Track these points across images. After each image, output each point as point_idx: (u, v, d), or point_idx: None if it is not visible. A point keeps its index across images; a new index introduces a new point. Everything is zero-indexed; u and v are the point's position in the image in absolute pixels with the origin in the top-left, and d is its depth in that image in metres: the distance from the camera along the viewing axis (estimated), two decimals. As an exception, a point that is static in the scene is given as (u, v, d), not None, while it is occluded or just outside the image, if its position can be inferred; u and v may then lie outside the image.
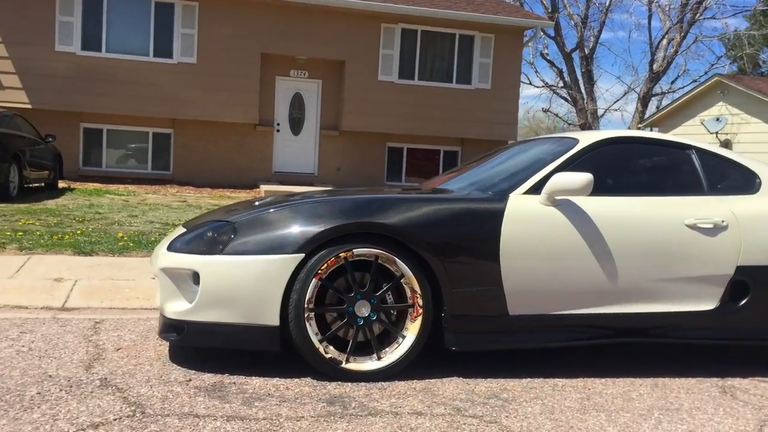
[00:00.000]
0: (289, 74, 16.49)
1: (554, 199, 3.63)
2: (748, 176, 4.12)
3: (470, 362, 3.74)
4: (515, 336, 3.58)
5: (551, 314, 3.61)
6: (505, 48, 17.24)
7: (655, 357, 4.15)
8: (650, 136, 4.17)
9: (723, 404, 3.33)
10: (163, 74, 15.22)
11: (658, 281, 3.74)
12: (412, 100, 16.61)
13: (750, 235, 3.85)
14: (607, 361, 3.97)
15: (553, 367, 3.77)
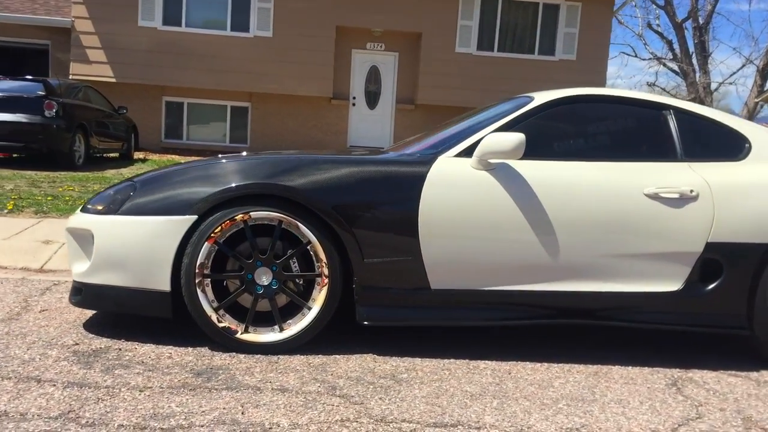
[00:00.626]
0: (366, 47, 16.32)
1: (487, 163, 3.28)
2: (736, 140, 3.58)
3: (409, 339, 3.47)
4: (438, 312, 3.27)
5: (480, 290, 3.27)
6: (593, 16, 16.32)
7: (618, 343, 3.71)
8: (619, 94, 3.69)
9: (656, 398, 2.91)
10: (240, 48, 15.43)
11: (610, 257, 3.31)
12: (490, 73, 16.05)
13: (725, 208, 3.35)
14: (561, 345, 3.58)
15: (492, 348, 3.43)
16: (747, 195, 3.38)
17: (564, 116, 3.55)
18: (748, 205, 3.36)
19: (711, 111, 3.69)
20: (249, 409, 2.47)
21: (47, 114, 10.09)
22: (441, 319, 3.28)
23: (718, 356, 3.60)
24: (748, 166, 3.49)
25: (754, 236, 3.34)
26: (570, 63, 16.39)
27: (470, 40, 16.11)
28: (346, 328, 3.46)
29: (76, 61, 15.06)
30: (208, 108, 16.25)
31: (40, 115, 10.07)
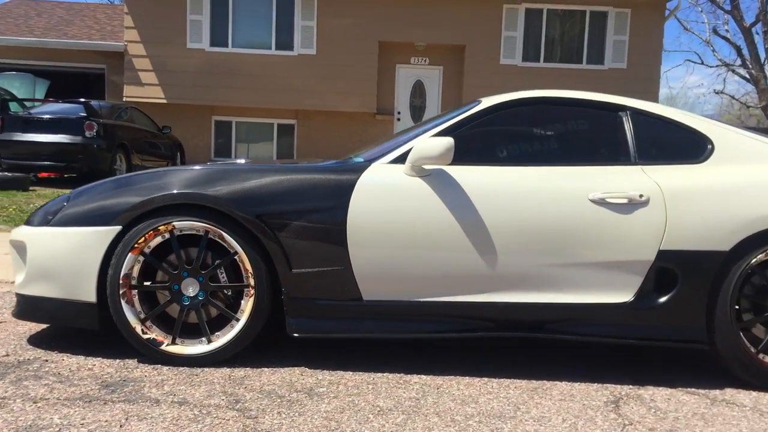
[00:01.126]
0: (410, 62, 16.29)
1: (421, 169, 3.17)
2: (698, 141, 3.36)
3: (358, 350, 3.38)
4: (371, 324, 3.17)
5: (415, 301, 3.16)
6: (644, 23, 15.84)
7: (580, 357, 3.51)
8: (573, 96, 3.52)
9: (585, 416, 2.72)
10: (284, 67, 15.65)
11: (554, 266, 3.15)
12: (537, 84, 15.64)
13: (680, 213, 3.14)
14: (502, 360, 3.41)
15: (437, 360, 3.31)
16: (704, 199, 3.16)
17: (510, 120, 3.42)
18: (705, 210, 3.14)
19: (673, 111, 3.48)
20: (132, 422, 2.43)
21: (87, 134, 10.46)
22: (374, 331, 3.18)
23: (689, 370, 3.36)
24: (709, 169, 3.27)
25: (711, 243, 3.12)
26: (620, 71, 15.93)
27: (515, 52, 15.88)
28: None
29: (129, 84, 15.57)
30: (255, 126, 16.52)
31: (81, 135, 10.45)
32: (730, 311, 3.15)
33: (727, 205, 3.14)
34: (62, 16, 17.93)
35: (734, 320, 3.16)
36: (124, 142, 11.09)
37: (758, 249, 3.14)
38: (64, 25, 17.11)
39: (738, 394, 3.10)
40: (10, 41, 15.59)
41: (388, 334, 3.18)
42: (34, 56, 16.06)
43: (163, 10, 15.41)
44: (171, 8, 15.45)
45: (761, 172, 3.25)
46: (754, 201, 3.14)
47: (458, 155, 3.28)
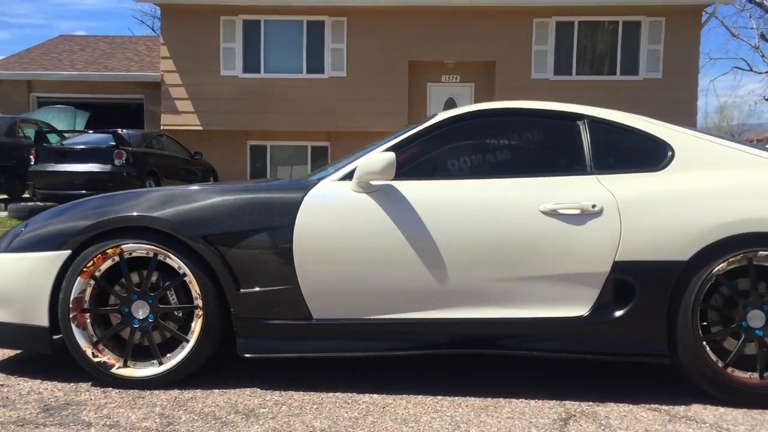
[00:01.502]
0: (441, 80, 16.31)
1: (368, 185, 3.14)
2: (658, 149, 3.25)
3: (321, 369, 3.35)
4: (323, 343, 3.13)
5: (367, 319, 3.11)
6: (679, 31, 15.50)
7: (541, 373, 3.39)
8: (529, 106, 3.44)
9: (522, 436, 2.64)
10: (316, 89, 15.84)
11: (506, 281, 3.07)
12: (569, 97, 15.36)
13: (635, 223, 3.03)
14: (464, 376, 3.33)
15: (394, 379, 3.25)
16: (661, 208, 3.04)
17: (465, 133, 3.37)
18: (662, 219, 3.02)
19: (633, 119, 3.38)
20: (54, 443, 2.45)
21: (117, 162, 10.74)
22: (326, 350, 3.14)
23: (661, 385, 3.22)
24: (668, 176, 3.15)
25: (669, 253, 3.00)
26: (656, 81, 15.61)
27: (546, 65, 15.72)
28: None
29: (167, 113, 15.97)
30: (289, 149, 16.73)
31: (111, 164, 10.74)
32: (693, 323, 3.01)
33: (686, 214, 3.02)
34: (104, 50, 18.55)
35: (697, 332, 3.02)
36: (153, 169, 11.34)
37: (720, 258, 3.01)
38: (105, 58, 17.69)
39: (703, 410, 2.96)
40: (53, 76, 16.19)
41: (340, 353, 3.14)
42: (76, 89, 16.64)
43: (197, 39, 15.79)
44: (205, 37, 15.82)
45: (722, 179, 3.11)
46: (714, 208, 3.01)
47: (411, 170, 3.26)
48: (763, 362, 3.05)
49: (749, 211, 3.00)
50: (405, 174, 3.22)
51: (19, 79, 16.46)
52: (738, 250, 3.01)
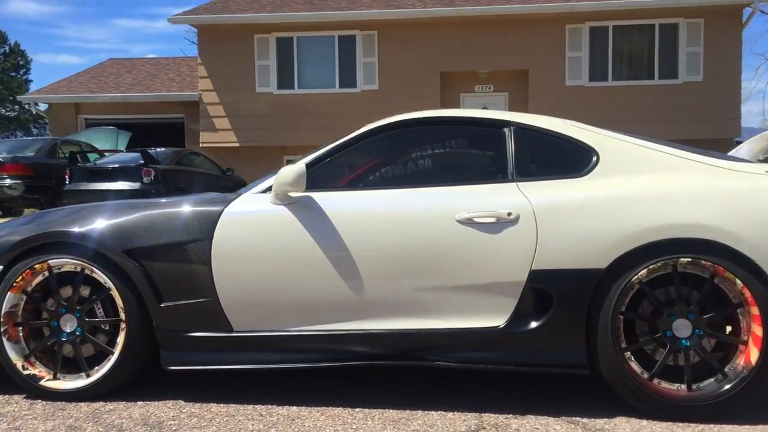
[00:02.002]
0: (474, 90, 16.23)
1: (286, 197, 3.16)
2: (582, 154, 3.17)
3: (259, 383, 3.39)
4: (244, 355, 3.16)
5: (286, 331, 3.13)
6: (719, 32, 15.05)
7: (472, 385, 3.33)
8: (454, 114, 3.41)
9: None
10: (349, 104, 15.96)
11: (423, 291, 3.04)
12: (606, 104, 15.24)
13: (551, 231, 2.96)
14: (389, 388, 3.30)
15: (316, 390, 3.25)
16: (579, 215, 2.97)
17: (388, 143, 3.36)
18: (579, 227, 2.95)
19: (560, 124, 3.31)
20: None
21: (145, 180, 11.06)
22: (247, 363, 3.16)
23: (590, 397, 3.13)
24: (590, 182, 3.07)
25: (587, 261, 2.92)
26: (696, 85, 15.17)
27: (581, 72, 15.47)
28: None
29: (205, 130, 16.37)
30: (325, 163, 16.85)
31: (140, 182, 11.06)
32: (612, 333, 2.92)
33: (605, 220, 2.94)
34: (150, 72, 19.16)
35: (618, 343, 2.93)
36: (182, 186, 11.62)
37: (640, 265, 2.91)
38: (149, 80, 18.26)
39: (624, 423, 2.86)
40: (98, 98, 16.81)
41: (262, 365, 3.16)
42: (120, 110, 17.22)
43: (233, 58, 16.15)
44: (240, 56, 16.16)
45: (645, 184, 3.02)
46: (634, 214, 2.92)
47: (333, 181, 3.28)
48: (691, 373, 2.93)
49: (669, 217, 2.90)
50: (327, 185, 3.23)
51: (67, 102, 17.14)
52: (658, 257, 2.91)
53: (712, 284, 2.93)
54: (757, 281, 2.86)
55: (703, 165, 3.10)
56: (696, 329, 2.95)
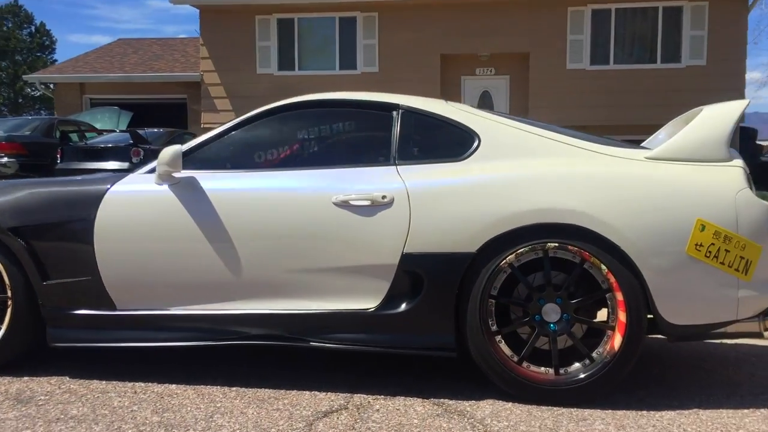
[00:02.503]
0: (475, 73, 16.10)
1: (169, 177, 3.20)
2: (464, 137, 3.16)
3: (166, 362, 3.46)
4: (127, 333, 3.22)
5: (168, 311, 3.18)
6: (724, 15, 14.73)
7: (335, 363, 3.37)
8: (343, 97, 3.41)
9: (269, 429, 2.64)
10: (349, 86, 15.89)
11: (300, 273, 3.07)
12: (607, 87, 15.05)
13: (424, 214, 2.97)
14: (270, 367, 3.35)
15: (205, 368, 3.32)
16: (451, 199, 2.97)
17: (276, 125, 3.39)
18: (451, 210, 2.96)
19: (445, 107, 3.30)
20: None
21: (134, 160, 11.16)
22: (130, 341, 3.22)
23: (460, 381, 3.15)
24: (468, 166, 3.08)
25: (458, 245, 2.94)
26: (700, 69, 14.89)
27: (582, 55, 15.27)
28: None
29: (206, 111, 16.45)
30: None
31: (129, 161, 11.17)
32: (481, 317, 2.94)
33: (476, 204, 2.94)
34: (155, 52, 19.29)
35: (486, 326, 2.94)
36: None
37: (508, 250, 2.92)
38: (153, 60, 18.40)
39: (489, 406, 2.89)
40: (102, 78, 16.99)
41: (144, 343, 3.21)
42: (124, 91, 17.39)
43: (234, 39, 16.17)
44: (241, 37, 16.19)
45: (519, 168, 3.01)
46: (503, 199, 2.92)
47: (220, 162, 3.31)
48: (558, 358, 2.94)
49: (537, 202, 2.90)
50: (214, 166, 3.26)
51: (71, 81, 17.35)
52: (526, 241, 2.91)
53: (582, 270, 2.93)
54: (623, 267, 2.86)
55: (581, 150, 3.09)
56: (564, 314, 2.95)
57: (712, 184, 2.93)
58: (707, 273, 2.86)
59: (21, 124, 13.41)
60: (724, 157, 3.02)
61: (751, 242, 2.87)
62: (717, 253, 2.85)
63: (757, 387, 3.20)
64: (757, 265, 2.88)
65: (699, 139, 3.05)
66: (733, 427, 2.69)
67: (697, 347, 3.88)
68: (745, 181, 2.93)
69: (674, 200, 2.89)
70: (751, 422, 2.74)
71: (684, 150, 3.04)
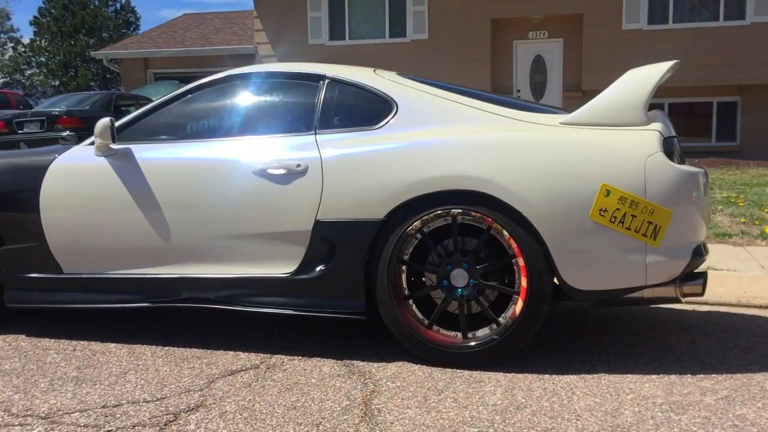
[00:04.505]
0: (528, 36, 15.76)
1: (107, 148, 3.38)
2: (383, 105, 3.21)
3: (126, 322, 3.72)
4: (73, 295, 3.46)
5: (108, 274, 3.39)
6: (794, -34, 13.87)
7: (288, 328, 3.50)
8: (272, 69, 3.51)
9: (165, 383, 2.82)
10: (398, 54, 15.90)
11: (225, 239, 3.22)
12: (667, 48, 14.40)
13: (336, 182, 3.06)
14: (205, 330, 3.52)
15: (145, 328, 3.53)
16: (362, 167, 3.05)
17: (210, 98, 3.52)
18: (361, 178, 3.03)
19: (369, 76, 3.36)
20: None
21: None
22: (76, 302, 3.46)
23: (378, 344, 3.25)
24: (381, 134, 3.13)
25: (366, 212, 3.02)
26: (766, 26, 14.10)
27: (639, 15, 14.68)
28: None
29: (262, 83, 16.75)
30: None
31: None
32: (389, 281, 3.01)
33: (383, 172, 3.00)
34: (216, 26, 19.74)
35: (393, 291, 3.02)
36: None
37: (414, 216, 2.97)
38: (213, 34, 18.84)
39: (396, 367, 2.98)
40: (163, 53, 17.56)
41: (89, 305, 3.44)
42: (184, 65, 17.91)
43: (287, 10, 16.37)
44: (293, 7, 16.37)
45: (427, 135, 3.05)
46: (409, 167, 2.97)
47: (156, 133, 3.48)
48: (466, 322, 2.99)
49: (442, 169, 2.93)
50: (148, 138, 3.43)
51: (136, 57, 18.01)
52: (431, 208, 2.96)
53: (490, 236, 2.95)
54: (524, 233, 2.87)
55: (494, 117, 3.09)
56: (471, 279, 2.99)
57: (621, 148, 2.88)
58: (612, 238, 2.83)
59: (82, 99, 14.07)
60: (640, 121, 2.97)
61: (660, 207, 2.82)
62: (622, 219, 2.82)
63: (687, 354, 3.15)
64: (666, 230, 2.83)
65: (615, 103, 3.01)
66: (627, 391, 2.69)
67: (654, 314, 3.83)
68: (659, 145, 2.87)
69: (579, 166, 2.86)
70: (649, 387, 2.72)
71: (600, 114, 3.00)
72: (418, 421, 2.42)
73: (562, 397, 2.63)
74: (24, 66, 58.46)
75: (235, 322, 3.68)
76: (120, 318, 3.76)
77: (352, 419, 2.43)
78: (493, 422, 2.41)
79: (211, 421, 2.42)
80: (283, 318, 3.63)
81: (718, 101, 15.04)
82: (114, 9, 58.52)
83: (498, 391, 2.70)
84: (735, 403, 2.56)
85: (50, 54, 55.35)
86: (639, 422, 2.41)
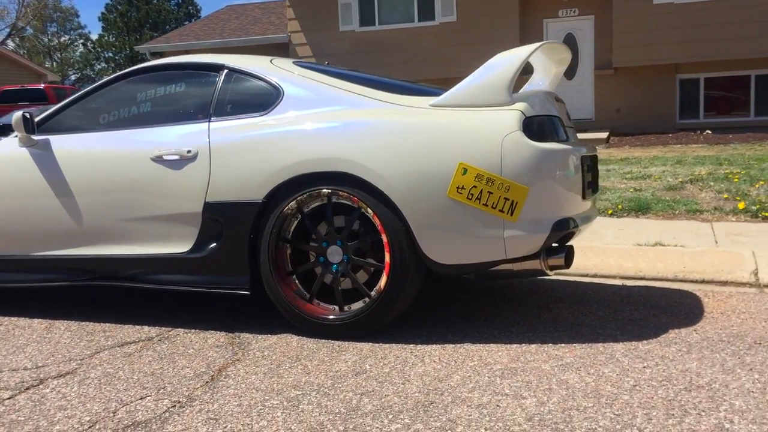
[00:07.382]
0: (558, 15, 15.59)
1: (28, 139, 3.67)
2: (271, 92, 3.39)
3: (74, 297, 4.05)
4: (4, 275, 3.77)
5: (30, 255, 3.69)
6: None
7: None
8: (173, 61, 3.73)
9: (54, 353, 3.09)
10: (428, 37, 15.98)
11: (128, 222, 3.47)
12: (701, 20, 14.07)
13: (222, 166, 3.27)
14: (123, 306, 3.79)
15: (77, 304, 3.83)
16: (245, 151, 3.24)
17: (121, 91, 3.74)
18: (244, 162, 3.23)
19: (263, 64, 3.54)
20: None
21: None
22: (4, 282, 3.78)
23: (273, 319, 3.45)
24: (265, 119, 3.31)
25: (248, 194, 3.22)
26: (805, -7, 13.56)
27: (670, -12, 14.33)
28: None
29: (296, 71, 17.05)
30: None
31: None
32: (270, 259, 3.20)
33: (262, 156, 3.19)
34: (255, 16, 20.14)
35: (274, 268, 3.21)
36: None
37: (289, 197, 3.15)
38: (251, 24, 19.25)
39: (271, 338, 3.17)
40: (202, 45, 18.05)
41: (14, 284, 3.76)
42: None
43: (317, -1, 16.64)
44: (323, -5, 16.62)
45: (302, 120, 3.21)
46: (284, 150, 3.15)
47: (72, 124, 3.74)
48: (341, 296, 3.16)
49: (311, 152, 3.10)
50: (67, 129, 3.70)
51: (177, 50, 18.56)
52: (304, 189, 3.13)
53: (360, 214, 3.11)
54: (387, 210, 3.01)
55: (367, 100, 3.22)
56: (345, 255, 3.15)
57: (479, 128, 2.99)
58: (469, 214, 2.94)
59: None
60: (504, 101, 3.06)
61: (517, 184, 2.91)
62: (479, 195, 2.92)
63: (568, 325, 3.23)
64: (523, 206, 2.92)
65: (480, 84, 3.11)
66: (476, 359, 2.81)
67: (574, 289, 3.89)
68: (517, 124, 2.96)
69: (438, 146, 2.98)
70: (500, 356, 2.82)
71: (466, 96, 3.12)
72: (254, 385, 2.60)
73: (408, 365, 2.77)
74: (94, 61, 60.83)
75: (150, 297, 3.94)
76: (62, 295, 4.06)
77: (195, 384, 2.64)
78: (321, 386, 2.57)
79: (68, 386, 2.67)
80: (192, 294, 3.86)
81: (756, 74, 14.55)
82: (176, 2, 60.08)
83: (352, 359, 2.86)
84: (569, 370, 2.65)
85: (117, 49, 57.38)
86: (460, 385, 2.53)
